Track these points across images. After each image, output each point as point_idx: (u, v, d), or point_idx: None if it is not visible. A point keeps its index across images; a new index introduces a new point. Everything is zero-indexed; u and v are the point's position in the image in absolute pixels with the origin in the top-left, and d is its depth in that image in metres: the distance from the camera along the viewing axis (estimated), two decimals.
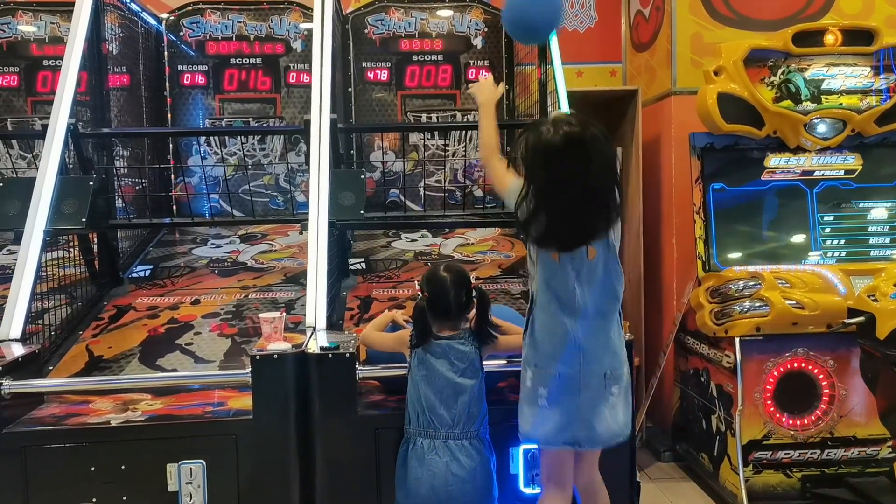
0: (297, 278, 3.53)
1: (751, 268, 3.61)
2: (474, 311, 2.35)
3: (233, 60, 4.57)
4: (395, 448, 2.36)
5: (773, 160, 3.82)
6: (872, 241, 3.81)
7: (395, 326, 2.53)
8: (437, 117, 4.60)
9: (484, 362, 2.35)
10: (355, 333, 2.72)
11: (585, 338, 2.10)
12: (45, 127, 3.13)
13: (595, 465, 2.27)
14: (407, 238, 4.15)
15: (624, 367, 2.17)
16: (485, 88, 2.43)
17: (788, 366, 3.42)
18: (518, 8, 2.47)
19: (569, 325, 2.09)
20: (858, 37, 3.77)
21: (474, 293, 2.34)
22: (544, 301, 2.13)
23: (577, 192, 2.00)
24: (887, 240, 3.80)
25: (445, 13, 4.68)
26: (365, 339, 2.51)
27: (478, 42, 4.69)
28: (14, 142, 4.33)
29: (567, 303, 2.09)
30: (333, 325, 2.99)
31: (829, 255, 3.75)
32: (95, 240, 3.39)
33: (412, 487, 2.27)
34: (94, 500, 2.33)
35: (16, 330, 2.70)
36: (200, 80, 4.55)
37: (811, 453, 3.46)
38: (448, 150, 4.56)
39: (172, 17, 4.56)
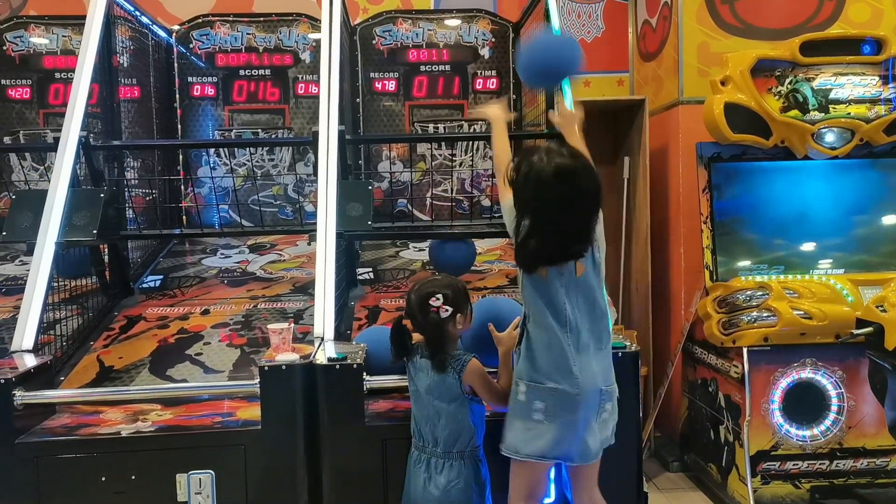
0: (306, 288, 3.55)
1: (758, 277, 3.61)
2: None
3: (242, 72, 4.62)
4: (402, 458, 2.36)
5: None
6: (882, 250, 3.79)
7: None
8: (445, 127, 4.62)
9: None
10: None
11: (582, 353, 2.11)
12: (56, 139, 3.17)
13: (595, 483, 2.25)
14: (415, 248, 4.16)
15: (614, 382, 2.19)
16: (491, 106, 2.48)
17: (797, 376, 3.42)
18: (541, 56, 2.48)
19: (563, 341, 2.10)
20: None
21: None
22: (538, 315, 2.13)
23: (564, 217, 2.07)
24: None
25: (453, 23, 4.71)
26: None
27: (485, 52, 4.71)
28: (26, 153, 4.38)
29: (560, 318, 2.11)
30: (341, 335, 3.00)
31: (838, 264, 3.74)
32: (106, 250, 3.42)
33: (403, 495, 2.30)
34: None
35: (28, 340, 2.72)
36: (210, 91, 4.59)
37: (820, 464, 3.45)
38: (456, 160, 4.58)
39: (182, 30, 4.62)
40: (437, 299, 2.21)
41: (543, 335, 2.12)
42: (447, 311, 2.21)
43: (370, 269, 3.87)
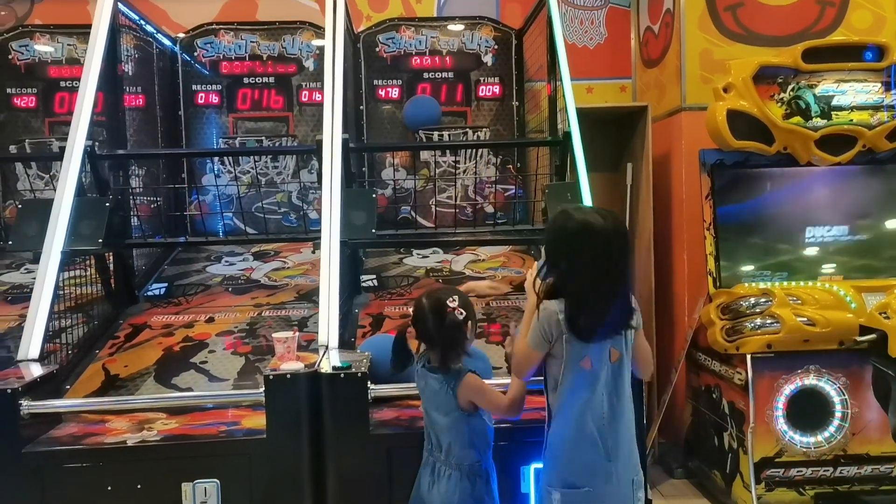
0: (310, 295, 3.56)
1: (762, 284, 3.61)
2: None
3: (246, 80, 4.63)
4: (407, 467, 2.35)
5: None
6: (885, 256, 3.79)
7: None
8: (449, 135, 4.63)
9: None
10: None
11: (615, 447, 2.02)
12: (62, 148, 3.19)
13: None
14: (418, 255, 4.17)
15: (640, 467, 2.12)
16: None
17: (800, 383, 3.42)
18: None
19: (599, 438, 2.01)
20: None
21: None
22: (574, 414, 2.02)
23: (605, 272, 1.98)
24: None
25: (456, 30, 4.73)
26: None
27: (488, 59, 4.73)
28: (32, 162, 4.40)
29: (598, 412, 2.02)
30: (346, 343, 3.01)
31: (841, 271, 3.74)
32: (111, 259, 3.44)
33: (412, 493, 2.29)
34: None
35: (34, 350, 2.73)
36: (214, 99, 4.61)
37: (824, 471, 3.44)
38: (459, 167, 4.59)
39: (186, 38, 4.64)
40: (454, 300, 2.21)
41: (577, 434, 2.01)
42: (462, 313, 2.20)
43: (374, 277, 3.88)
